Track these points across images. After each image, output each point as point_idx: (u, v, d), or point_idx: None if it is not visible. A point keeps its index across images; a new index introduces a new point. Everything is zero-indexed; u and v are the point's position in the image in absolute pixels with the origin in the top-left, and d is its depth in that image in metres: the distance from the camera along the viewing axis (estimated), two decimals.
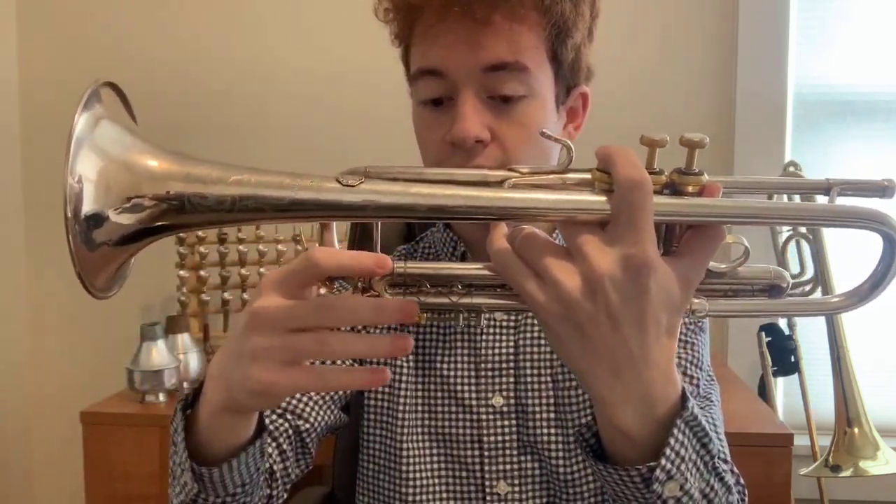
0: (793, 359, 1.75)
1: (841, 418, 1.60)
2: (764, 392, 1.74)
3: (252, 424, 0.61)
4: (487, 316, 0.83)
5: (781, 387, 1.86)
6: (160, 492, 1.49)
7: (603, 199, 0.49)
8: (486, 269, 0.53)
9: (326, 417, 0.83)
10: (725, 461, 0.73)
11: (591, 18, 0.79)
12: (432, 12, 0.72)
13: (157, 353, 1.55)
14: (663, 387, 0.51)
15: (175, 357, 1.59)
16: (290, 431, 0.79)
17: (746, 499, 0.70)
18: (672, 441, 0.51)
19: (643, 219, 0.47)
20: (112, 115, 0.52)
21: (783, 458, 1.34)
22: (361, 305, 0.51)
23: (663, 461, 0.51)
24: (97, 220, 0.49)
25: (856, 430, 1.58)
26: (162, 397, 1.56)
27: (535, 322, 0.83)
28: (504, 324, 0.83)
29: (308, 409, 0.81)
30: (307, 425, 0.81)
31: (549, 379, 0.81)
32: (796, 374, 1.75)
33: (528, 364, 0.82)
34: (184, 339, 1.65)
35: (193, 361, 1.64)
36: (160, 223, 0.51)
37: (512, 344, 0.83)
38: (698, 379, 0.79)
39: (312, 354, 0.51)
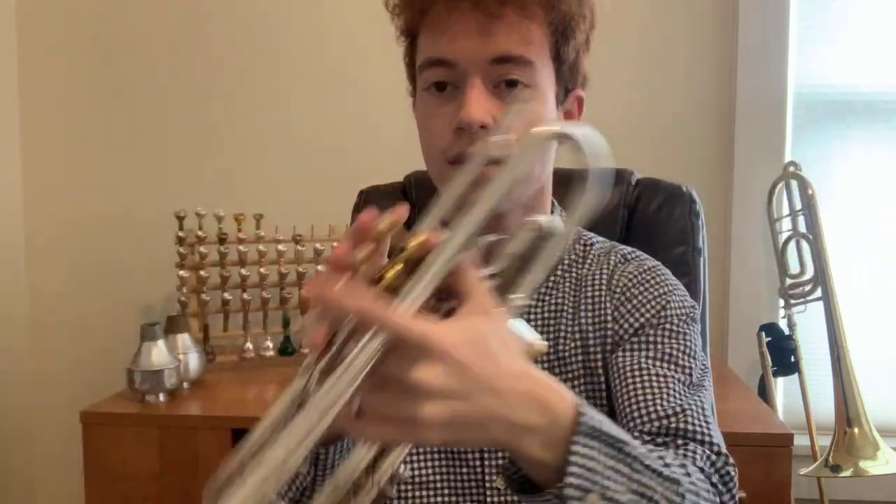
0: (793, 359, 1.75)
1: (841, 418, 1.60)
2: (764, 392, 1.74)
3: None
4: None
5: (781, 387, 1.86)
6: (160, 492, 1.49)
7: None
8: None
9: None
10: (702, 442, 0.73)
11: (589, 26, 0.81)
12: (442, 5, 0.75)
13: (157, 353, 1.55)
14: (546, 412, 0.52)
15: (175, 357, 1.59)
16: None
17: (732, 476, 0.70)
18: (573, 458, 0.52)
19: (397, 330, 0.46)
20: None
21: (783, 458, 1.33)
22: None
23: (569, 478, 0.52)
24: None
25: (856, 430, 1.58)
26: (162, 397, 1.55)
27: (527, 317, 0.85)
28: None
29: None
30: None
31: None
32: (796, 374, 1.76)
33: None
34: (184, 339, 1.65)
35: (193, 361, 1.64)
36: None
37: None
38: (691, 368, 0.80)
39: None
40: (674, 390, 0.77)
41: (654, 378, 0.77)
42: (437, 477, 0.83)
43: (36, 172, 2.01)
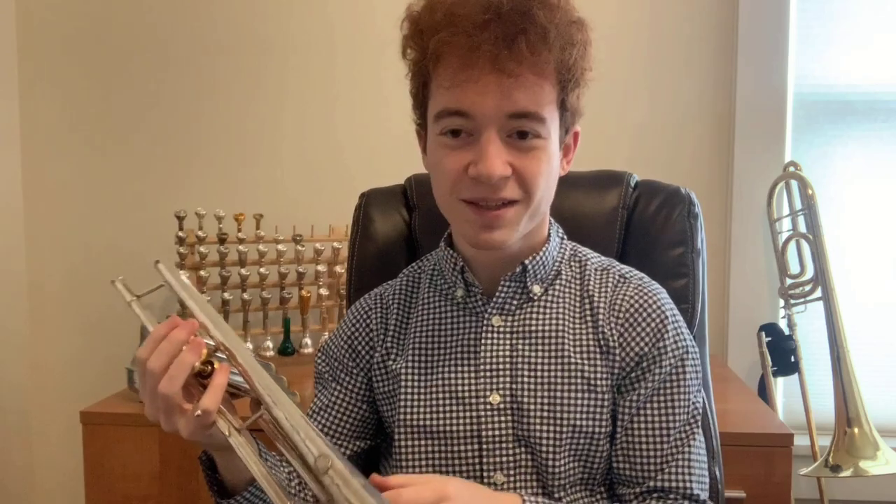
0: (793, 359, 1.75)
1: (841, 418, 1.60)
2: (764, 392, 1.74)
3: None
4: (486, 321, 0.89)
5: (781, 387, 1.86)
6: (160, 492, 1.49)
7: None
8: None
9: (354, 446, 0.95)
10: (685, 496, 0.85)
11: (589, 69, 0.85)
12: (458, 58, 0.77)
13: None
14: None
15: None
16: None
17: None
18: None
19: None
20: None
21: (783, 458, 1.33)
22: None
23: None
24: None
25: (856, 430, 1.58)
26: None
27: (530, 327, 0.89)
28: (501, 329, 0.89)
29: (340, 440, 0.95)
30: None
31: (545, 380, 0.86)
32: (796, 374, 1.76)
33: (525, 366, 0.87)
34: None
35: None
36: None
37: (509, 347, 0.88)
38: (684, 411, 0.87)
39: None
40: (665, 443, 0.85)
41: (648, 432, 0.85)
42: (436, 472, 0.87)
43: (36, 172, 2.01)
